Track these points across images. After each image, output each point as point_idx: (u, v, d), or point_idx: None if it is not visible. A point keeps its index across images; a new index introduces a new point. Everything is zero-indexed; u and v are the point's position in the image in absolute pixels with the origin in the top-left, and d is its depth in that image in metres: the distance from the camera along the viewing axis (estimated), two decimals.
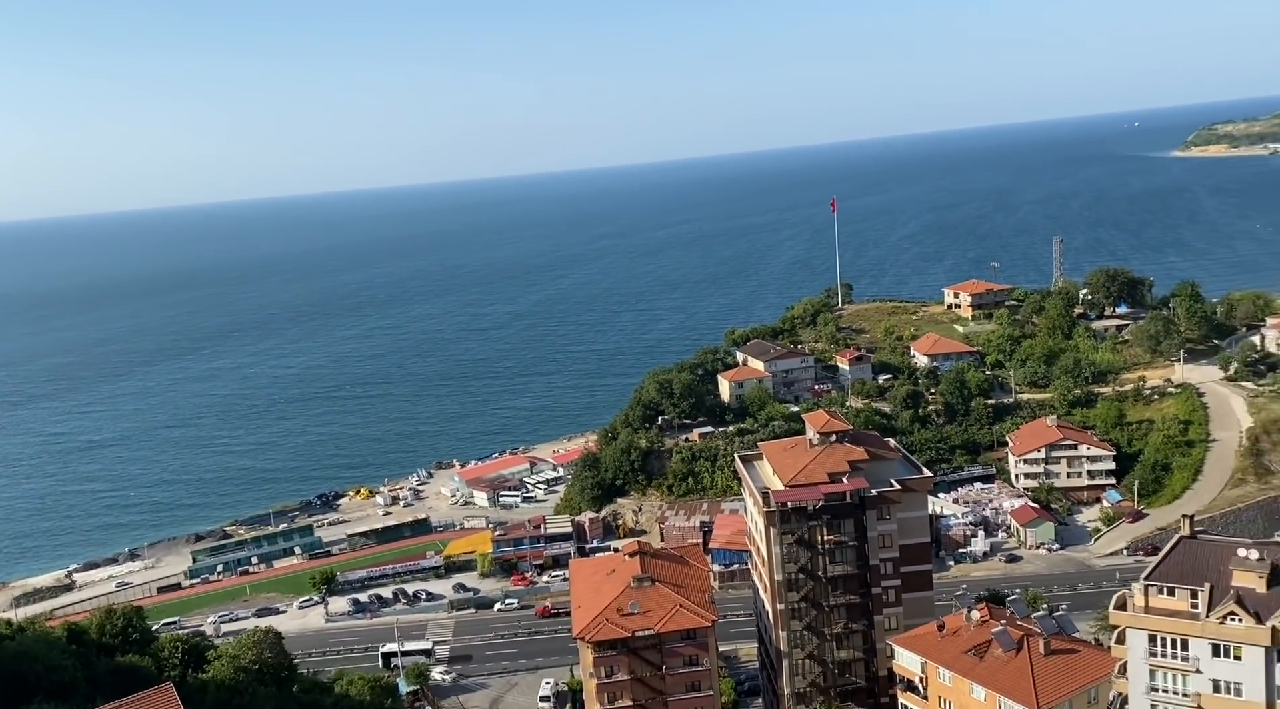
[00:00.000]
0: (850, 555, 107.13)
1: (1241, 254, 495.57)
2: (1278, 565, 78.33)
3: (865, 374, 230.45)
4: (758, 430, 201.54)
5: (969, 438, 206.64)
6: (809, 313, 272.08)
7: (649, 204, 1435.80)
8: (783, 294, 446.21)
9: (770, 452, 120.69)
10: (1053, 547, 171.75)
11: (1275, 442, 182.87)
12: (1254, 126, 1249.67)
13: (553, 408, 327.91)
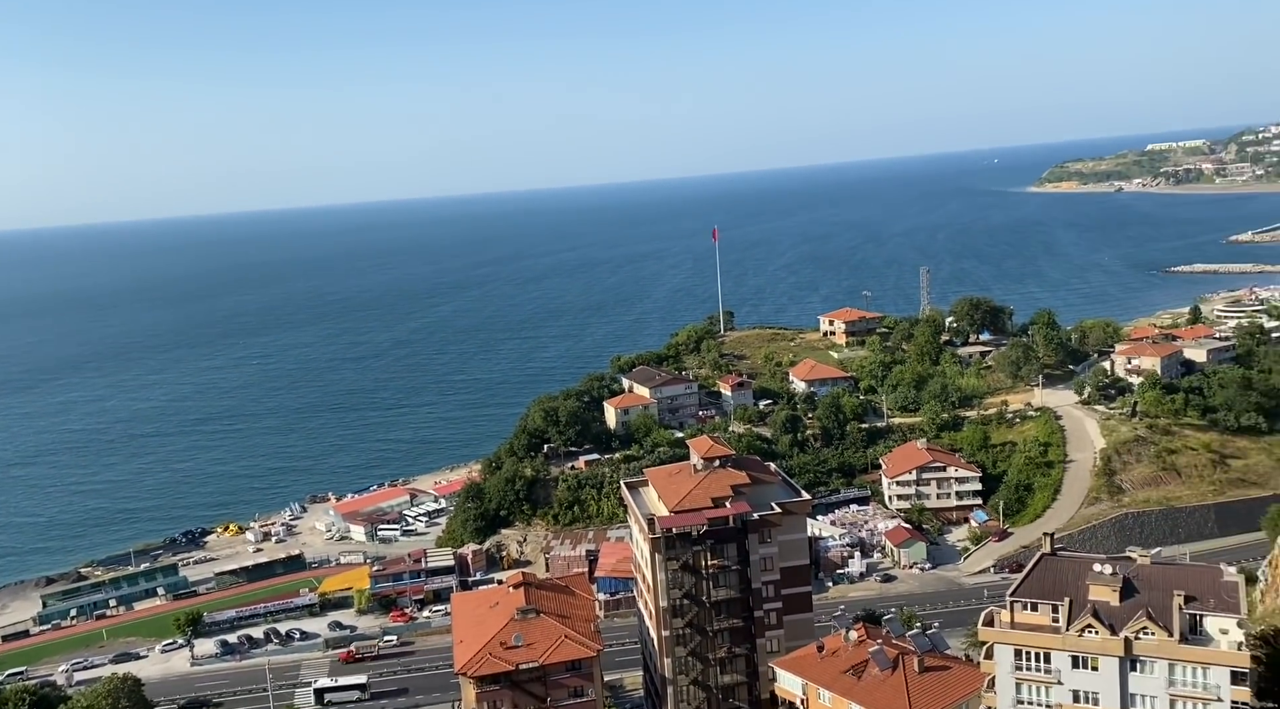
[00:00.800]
0: (733, 579, 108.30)
1: (1093, 284, 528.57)
2: (1130, 579, 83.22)
3: (747, 399, 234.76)
4: (644, 457, 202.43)
5: (845, 461, 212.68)
6: (693, 340, 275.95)
7: (532, 231, 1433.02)
8: (667, 321, 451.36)
9: (655, 478, 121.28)
10: (925, 566, 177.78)
11: (1125, 462, 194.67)
12: (1101, 165, 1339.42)
13: (434, 438, 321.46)
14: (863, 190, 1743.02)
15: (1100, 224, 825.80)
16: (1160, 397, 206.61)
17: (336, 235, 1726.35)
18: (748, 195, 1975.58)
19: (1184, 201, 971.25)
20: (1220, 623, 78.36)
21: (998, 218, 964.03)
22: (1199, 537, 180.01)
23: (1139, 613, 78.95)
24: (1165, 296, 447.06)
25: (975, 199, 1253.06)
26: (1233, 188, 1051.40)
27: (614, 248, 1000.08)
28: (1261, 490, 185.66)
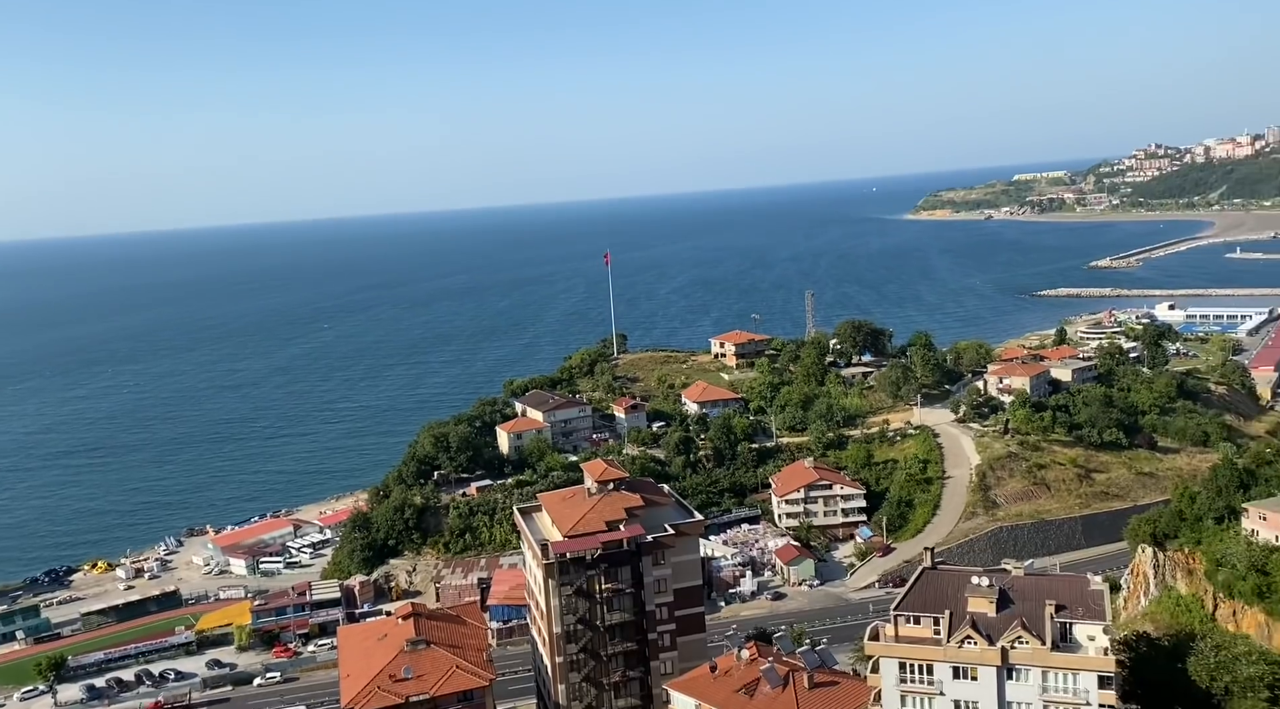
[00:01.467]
0: (627, 602, 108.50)
1: (967, 308, 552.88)
2: (1005, 590, 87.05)
3: (640, 422, 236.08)
4: (537, 482, 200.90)
5: (736, 481, 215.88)
6: (586, 363, 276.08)
7: (420, 253, 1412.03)
8: (560, 345, 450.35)
9: (549, 502, 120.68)
10: (814, 583, 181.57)
11: (999, 477, 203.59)
12: (971, 194, 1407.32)
13: (318, 467, 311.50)
14: (750, 217, 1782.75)
15: (972, 250, 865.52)
16: (1030, 414, 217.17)
17: (213, 258, 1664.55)
18: (638, 219, 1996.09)
19: (1048, 229, 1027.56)
20: (1088, 630, 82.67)
21: (877, 244, 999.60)
22: (1068, 547, 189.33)
23: (1014, 623, 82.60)
24: (1033, 319, 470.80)
25: (856, 226, 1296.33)
26: (1092, 216, 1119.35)
27: (505, 271, 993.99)
28: (1123, 502, 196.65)
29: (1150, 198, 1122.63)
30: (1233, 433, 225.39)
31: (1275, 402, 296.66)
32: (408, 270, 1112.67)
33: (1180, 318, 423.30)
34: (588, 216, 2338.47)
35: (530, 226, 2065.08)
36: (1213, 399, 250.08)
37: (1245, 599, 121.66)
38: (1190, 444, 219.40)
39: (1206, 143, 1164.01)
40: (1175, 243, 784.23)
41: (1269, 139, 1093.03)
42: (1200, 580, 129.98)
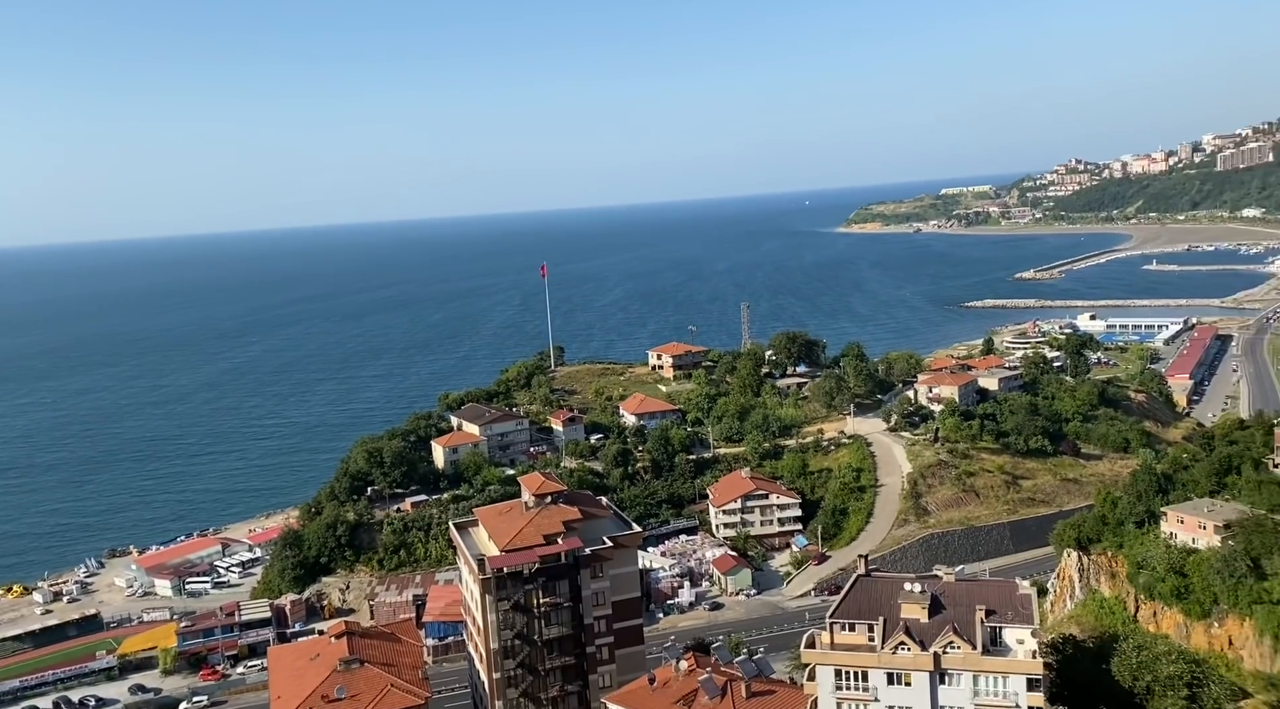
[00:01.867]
0: (565, 616, 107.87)
1: (898, 319, 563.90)
2: (937, 596, 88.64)
3: (578, 434, 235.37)
4: (474, 496, 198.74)
5: (674, 492, 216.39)
6: (523, 375, 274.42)
7: (353, 266, 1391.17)
8: (496, 358, 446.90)
9: (486, 517, 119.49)
10: (751, 592, 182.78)
11: (930, 485, 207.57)
12: (901, 207, 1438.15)
13: (247, 485, 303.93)
14: (686, 229, 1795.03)
15: (902, 263, 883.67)
16: (959, 423, 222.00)
17: (140, 271, 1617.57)
18: (575, 231, 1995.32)
19: (974, 242, 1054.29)
20: (1017, 634, 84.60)
21: (811, 257, 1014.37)
22: (997, 553, 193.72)
23: (946, 628, 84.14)
24: (961, 330, 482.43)
25: (790, 239, 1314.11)
26: (1016, 229, 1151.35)
27: (440, 283, 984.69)
28: (1049, 508, 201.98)
29: (1071, 211, 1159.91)
30: (1152, 439, 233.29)
31: (1191, 408, 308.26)
32: (342, 282, 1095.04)
33: (1101, 328, 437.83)
34: (524, 229, 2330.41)
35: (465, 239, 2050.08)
36: (1132, 406, 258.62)
37: (1165, 600, 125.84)
38: (1112, 450, 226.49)
39: (1124, 159, 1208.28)
40: (1095, 255, 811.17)
41: (1181, 156, 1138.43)
42: (1123, 583, 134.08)
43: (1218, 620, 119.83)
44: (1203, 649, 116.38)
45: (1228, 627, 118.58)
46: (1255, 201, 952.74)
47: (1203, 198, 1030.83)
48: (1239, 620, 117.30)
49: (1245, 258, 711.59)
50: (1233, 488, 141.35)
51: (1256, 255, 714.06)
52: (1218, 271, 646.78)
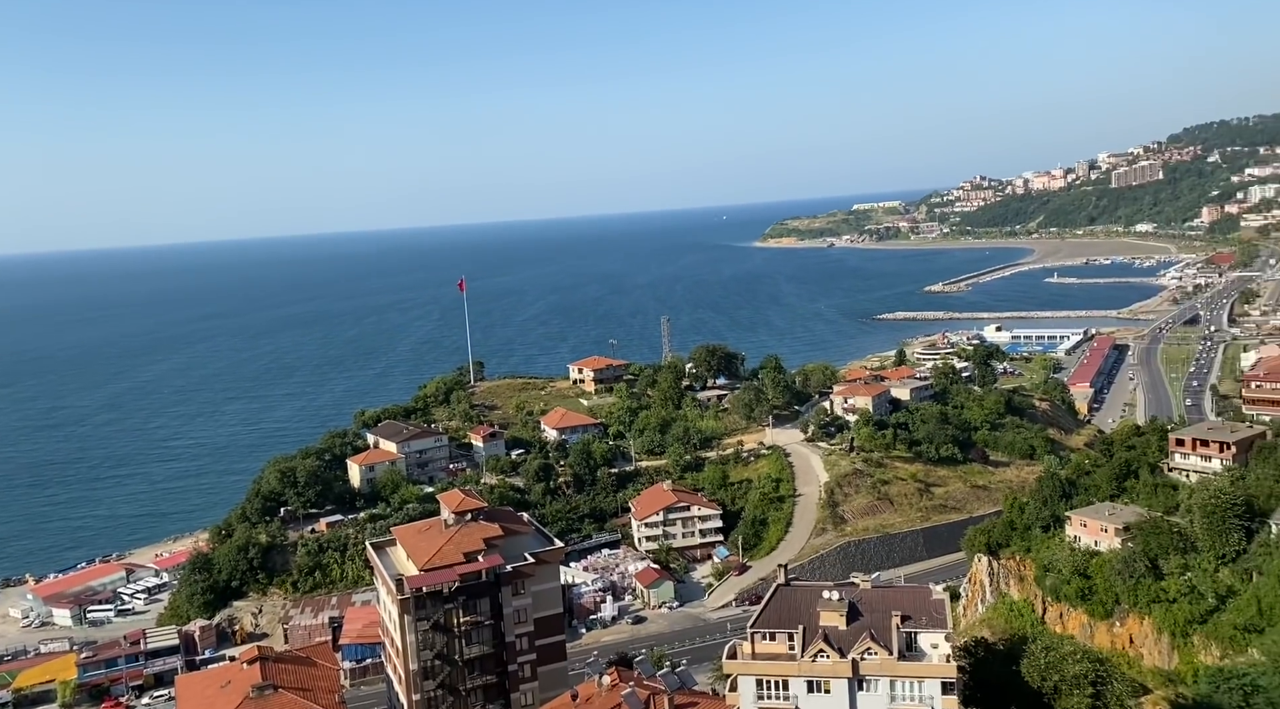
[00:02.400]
0: (486, 635, 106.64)
1: (814, 331, 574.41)
2: (854, 603, 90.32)
3: (499, 450, 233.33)
4: (391, 515, 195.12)
5: (596, 506, 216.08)
6: (442, 391, 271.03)
7: (264, 281, 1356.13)
8: (414, 374, 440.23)
9: (404, 536, 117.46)
10: (673, 605, 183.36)
11: (846, 494, 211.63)
12: (815, 222, 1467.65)
13: (152, 509, 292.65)
14: (606, 243, 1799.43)
15: (818, 277, 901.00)
16: (873, 433, 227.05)
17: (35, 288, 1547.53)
18: (495, 246, 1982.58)
19: (886, 256, 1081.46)
20: (931, 638, 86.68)
21: (729, 271, 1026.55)
22: (911, 559, 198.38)
23: (863, 635, 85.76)
24: (874, 341, 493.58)
25: (709, 253, 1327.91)
26: (925, 244, 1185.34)
27: (354, 299, 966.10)
28: (960, 514, 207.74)
29: (977, 226, 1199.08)
30: (1055, 446, 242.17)
31: (1092, 415, 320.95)
32: (254, 297, 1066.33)
33: (1006, 339, 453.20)
34: (442, 243, 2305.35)
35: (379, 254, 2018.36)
36: (1037, 414, 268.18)
37: (1070, 601, 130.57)
38: (1018, 457, 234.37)
39: (1025, 175, 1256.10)
40: (1000, 269, 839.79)
41: (1079, 173, 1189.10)
42: (1031, 586, 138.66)
43: (1119, 620, 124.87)
44: (1106, 648, 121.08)
45: (1128, 626, 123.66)
46: (1147, 217, 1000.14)
47: (1099, 213, 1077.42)
48: (1139, 619, 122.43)
49: (1139, 271, 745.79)
50: (1131, 492, 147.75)
51: (1149, 268, 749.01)
52: (1114, 284, 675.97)
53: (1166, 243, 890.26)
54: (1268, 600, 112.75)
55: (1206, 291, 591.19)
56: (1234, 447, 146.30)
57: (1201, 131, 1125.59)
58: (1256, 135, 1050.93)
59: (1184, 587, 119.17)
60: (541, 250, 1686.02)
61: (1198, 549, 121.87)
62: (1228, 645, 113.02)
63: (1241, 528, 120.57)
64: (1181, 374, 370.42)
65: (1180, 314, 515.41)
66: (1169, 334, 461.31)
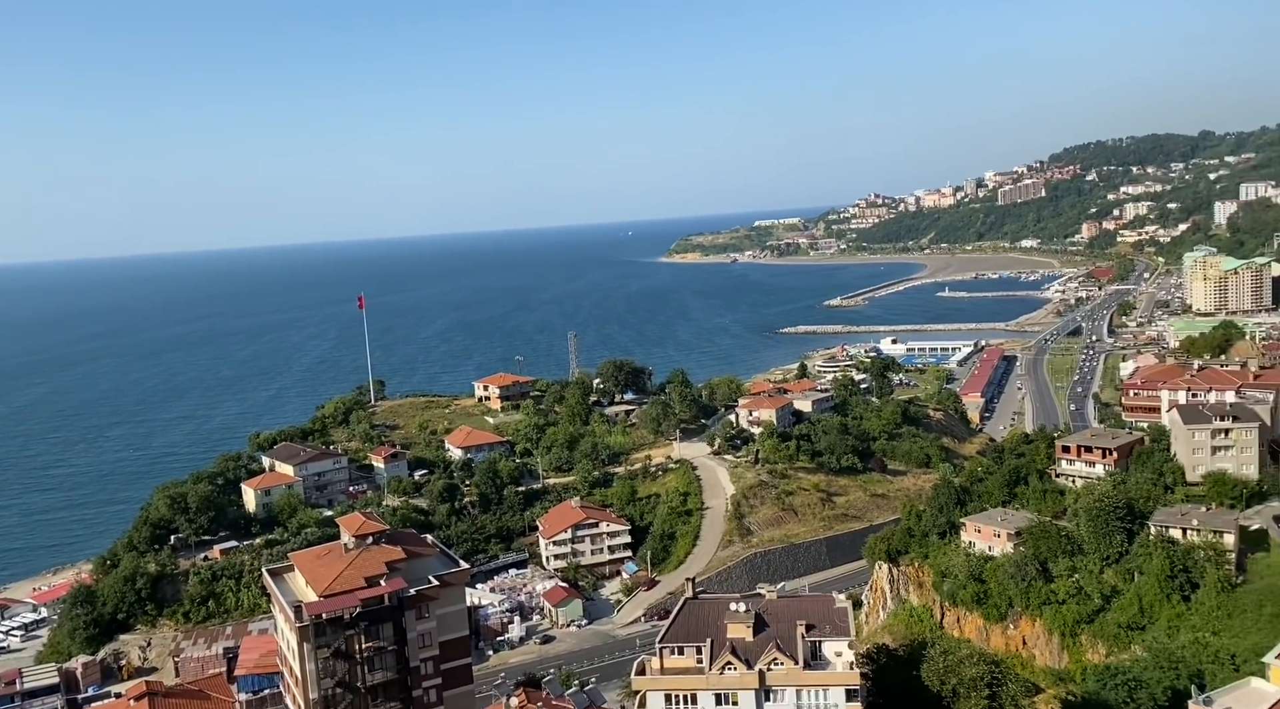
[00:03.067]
0: (390, 660, 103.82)
1: (719, 345, 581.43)
2: (761, 614, 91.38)
3: (401, 471, 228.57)
4: (289, 540, 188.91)
5: (503, 525, 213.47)
6: (341, 412, 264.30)
7: (153, 298, 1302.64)
8: (311, 394, 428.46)
9: (302, 561, 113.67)
10: (582, 623, 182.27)
11: (752, 505, 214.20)
12: (719, 238, 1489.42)
13: (29, 541, 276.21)
14: (511, 259, 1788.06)
15: (722, 292, 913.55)
16: (777, 444, 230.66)
17: None
18: (396, 262, 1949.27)
19: (787, 271, 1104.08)
20: (835, 646, 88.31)
21: (635, 286, 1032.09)
22: (815, 569, 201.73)
23: (770, 645, 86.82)
24: (777, 355, 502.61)
25: (615, 268, 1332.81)
26: (824, 259, 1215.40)
27: (247, 317, 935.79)
28: (861, 523, 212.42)
29: (872, 242, 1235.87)
30: (950, 454, 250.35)
31: (983, 424, 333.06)
32: (142, 317, 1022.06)
33: (902, 351, 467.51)
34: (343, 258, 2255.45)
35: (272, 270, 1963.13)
36: (932, 424, 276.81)
37: (966, 606, 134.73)
38: (915, 466, 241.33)
39: (917, 193, 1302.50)
40: (895, 283, 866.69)
41: (967, 191, 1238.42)
42: (929, 591, 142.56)
43: (1013, 622, 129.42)
44: (1001, 650, 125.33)
45: (1021, 627, 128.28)
46: (1031, 233, 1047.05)
47: (987, 229, 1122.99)
48: (1030, 621, 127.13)
49: (1025, 284, 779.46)
50: (1022, 497, 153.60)
51: (1034, 282, 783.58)
52: (1002, 298, 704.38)
53: (1050, 258, 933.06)
54: (1148, 599, 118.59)
55: (1087, 304, 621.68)
56: (1115, 452, 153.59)
57: (1080, 151, 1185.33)
58: (1129, 155, 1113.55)
59: (1072, 588, 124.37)
60: (443, 266, 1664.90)
61: (1084, 551, 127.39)
62: (1113, 643, 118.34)
63: (1123, 530, 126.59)
64: (1066, 383, 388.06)
65: (1063, 326, 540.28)
66: (1054, 345, 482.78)
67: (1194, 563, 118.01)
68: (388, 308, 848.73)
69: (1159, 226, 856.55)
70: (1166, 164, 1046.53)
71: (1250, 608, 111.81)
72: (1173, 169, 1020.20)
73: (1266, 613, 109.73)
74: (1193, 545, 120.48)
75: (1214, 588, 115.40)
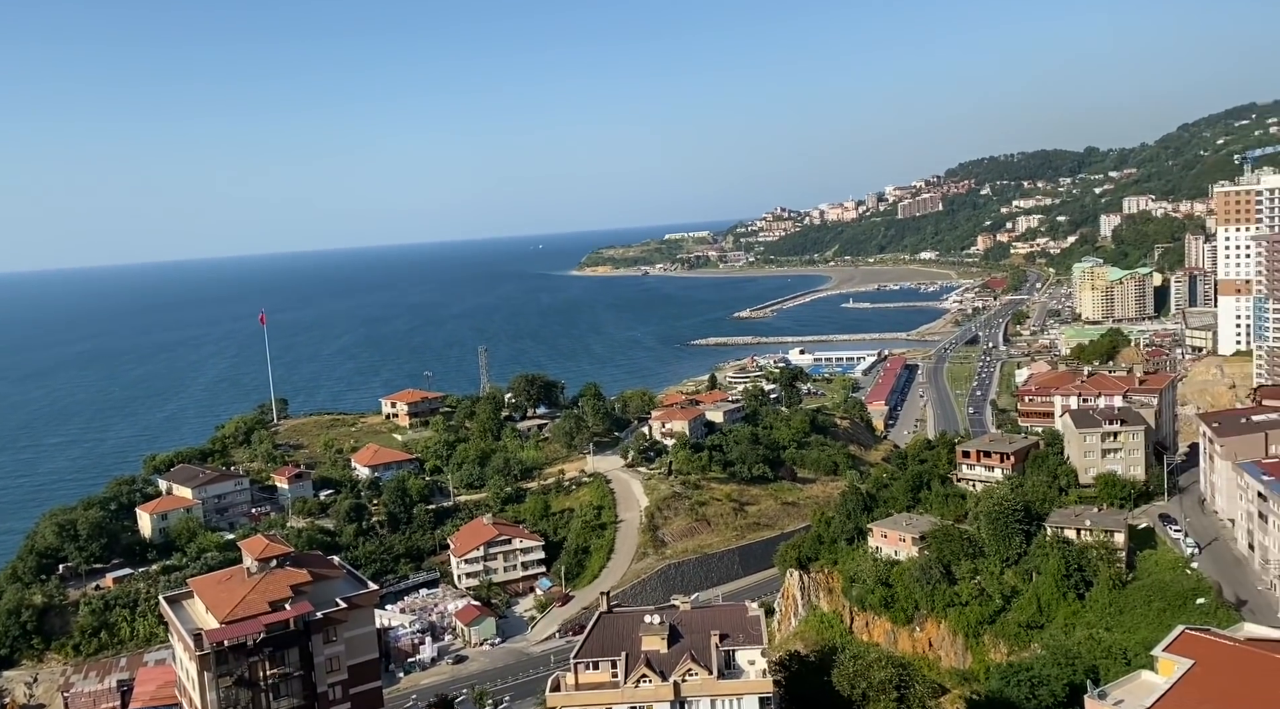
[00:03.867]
0: (296, 687, 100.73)
1: (633, 358, 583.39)
2: (675, 626, 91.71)
3: (306, 491, 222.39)
4: (188, 566, 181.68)
5: (413, 545, 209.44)
6: (242, 431, 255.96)
7: (39, 318, 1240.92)
8: (210, 414, 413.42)
9: (202, 587, 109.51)
10: (495, 641, 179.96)
11: (666, 517, 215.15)
12: (630, 251, 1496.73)
13: None
14: (419, 273, 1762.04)
15: (635, 305, 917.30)
16: (690, 455, 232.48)
17: None
18: (299, 276, 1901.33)
19: (697, 284, 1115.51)
20: (748, 655, 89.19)
21: (547, 300, 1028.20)
22: (728, 578, 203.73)
23: (684, 656, 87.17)
24: (689, 367, 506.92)
25: (526, 282, 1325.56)
26: (733, 272, 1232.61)
27: (140, 335, 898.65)
28: (772, 531, 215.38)
29: (779, 255, 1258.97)
30: (857, 461, 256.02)
31: (887, 431, 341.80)
32: (27, 336, 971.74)
33: (809, 361, 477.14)
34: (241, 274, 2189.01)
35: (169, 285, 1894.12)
36: (839, 432, 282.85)
37: (874, 610, 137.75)
38: (824, 473, 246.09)
39: (821, 207, 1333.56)
40: (802, 295, 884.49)
41: (869, 204, 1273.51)
42: (839, 597, 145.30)
43: (919, 625, 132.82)
44: (908, 652, 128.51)
45: (927, 630, 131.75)
46: (930, 245, 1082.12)
47: (888, 242, 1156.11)
48: (936, 623, 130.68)
49: (925, 295, 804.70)
50: (926, 502, 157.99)
51: (934, 293, 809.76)
52: (903, 308, 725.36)
53: (948, 269, 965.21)
54: (1046, 598, 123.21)
55: (984, 314, 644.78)
56: (1012, 456, 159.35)
57: (975, 166, 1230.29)
58: (1020, 170, 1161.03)
59: (974, 590, 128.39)
60: (349, 281, 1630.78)
61: (985, 554, 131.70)
62: (1013, 642, 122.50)
63: (1022, 531, 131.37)
64: (965, 390, 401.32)
65: (962, 335, 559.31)
66: (953, 353, 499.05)
67: (1087, 562, 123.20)
68: (291, 324, 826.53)
69: (1049, 238, 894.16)
70: (1055, 179, 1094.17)
71: (1140, 604, 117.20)
72: (1061, 183, 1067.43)
73: (1154, 608, 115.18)
74: (1086, 545, 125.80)
75: (1106, 585, 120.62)
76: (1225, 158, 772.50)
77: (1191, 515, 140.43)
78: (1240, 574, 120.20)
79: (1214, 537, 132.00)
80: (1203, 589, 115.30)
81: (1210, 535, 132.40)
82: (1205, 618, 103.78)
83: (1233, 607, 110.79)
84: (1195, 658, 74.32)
